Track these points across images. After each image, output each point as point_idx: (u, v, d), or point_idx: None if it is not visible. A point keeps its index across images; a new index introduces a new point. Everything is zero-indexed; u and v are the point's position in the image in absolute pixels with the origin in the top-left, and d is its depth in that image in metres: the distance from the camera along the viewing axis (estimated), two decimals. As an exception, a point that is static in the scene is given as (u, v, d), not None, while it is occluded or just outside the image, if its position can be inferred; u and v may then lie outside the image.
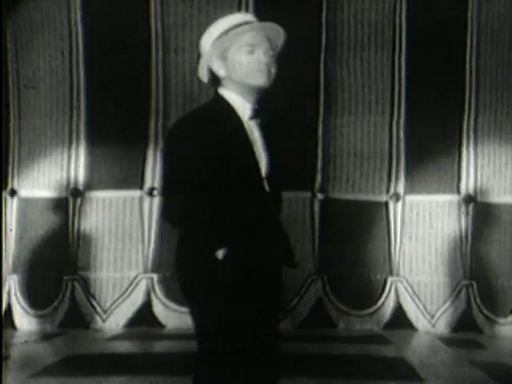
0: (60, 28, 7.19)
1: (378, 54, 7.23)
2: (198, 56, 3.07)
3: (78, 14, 7.13)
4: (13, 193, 7.28)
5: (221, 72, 3.00)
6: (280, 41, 3.08)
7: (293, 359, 4.95)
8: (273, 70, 2.99)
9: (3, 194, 7.20)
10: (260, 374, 2.95)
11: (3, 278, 6.96)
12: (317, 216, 7.22)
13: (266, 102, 3.05)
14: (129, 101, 7.10)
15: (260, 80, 2.96)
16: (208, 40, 3.02)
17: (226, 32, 2.98)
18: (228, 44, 2.97)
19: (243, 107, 2.99)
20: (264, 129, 3.03)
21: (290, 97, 6.60)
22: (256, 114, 3.00)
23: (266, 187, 2.98)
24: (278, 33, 3.06)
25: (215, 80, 3.04)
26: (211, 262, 2.88)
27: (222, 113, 2.97)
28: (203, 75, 3.08)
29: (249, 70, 2.96)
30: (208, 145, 2.88)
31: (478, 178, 7.25)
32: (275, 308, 3.06)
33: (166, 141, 3.01)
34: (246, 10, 7.00)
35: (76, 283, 7.15)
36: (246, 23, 3.01)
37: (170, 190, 2.94)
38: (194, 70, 7.57)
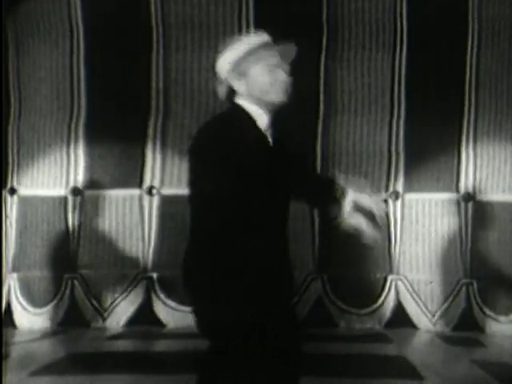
0: (61, 27, 7.18)
1: (379, 53, 7.23)
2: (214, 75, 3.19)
3: (78, 13, 7.13)
4: (12, 191, 7.28)
5: (241, 88, 3.12)
6: (293, 56, 3.21)
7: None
8: (289, 86, 3.14)
9: (3, 192, 7.20)
10: (280, 374, 2.99)
11: (3, 277, 6.96)
12: (316, 215, 7.22)
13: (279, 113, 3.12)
14: (129, 100, 7.10)
15: (279, 96, 3.10)
16: (228, 59, 3.14)
17: (250, 52, 3.11)
18: (250, 63, 3.10)
19: (261, 117, 3.09)
20: (275, 137, 3.14)
21: (290, 96, 6.60)
22: (272, 125, 3.11)
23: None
24: (293, 51, 3.19)
25: (232, 93, 3.16)
26: (224, 264, 2.95)
27: (244, 122, 3.08)
28: (222, 92, 3.19)
29: (270, 88, 3.08)
30: (233, 152, 2.95)
31: (477, 176, 7.26)
32: (286, 306, 3.13)
33: (191, 149, 3.09)
34: (247, 10, 7.01)
35: (76, 282, 7.15)
36: (267, 44, 3.13)
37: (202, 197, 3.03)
38: (194, 68, 7.58)
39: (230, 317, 2.94)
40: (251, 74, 3.10)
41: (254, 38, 3.19)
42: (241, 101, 3.12)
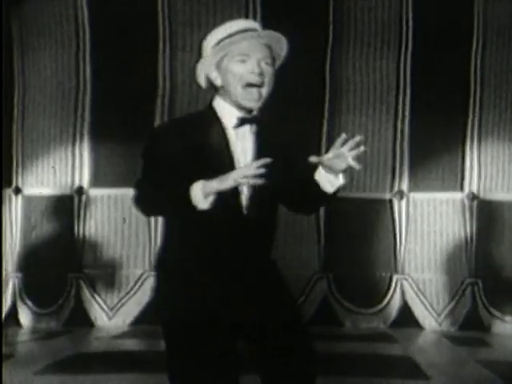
0: (67, 26, 7.18)
1: (384, 51, 7.23)
2: (197, 60, 3.03)
3: (84, 13, 7.13)
4: (17, 191, 7.28)
5: (217, 81, 2.93)
6: (282, 50, 2.98)
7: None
8: (267, 83, 2.89)
9: (6, 192, 7.19)
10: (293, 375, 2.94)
11: (3, 277, 6.95)
12: (321, 215, 7.22)
13: (264, 108, 2.96)
14: (134, 99, 7.09)
15: (247, 102, 2.88)
16: (207, 47, 2.95)
17: (223, 40, 2.91)
18: (223, 53, 2.90)
19: (231, 117, 2.91)
20: (258, 137, 2.94)
21: (295, 95, 6.60)
22: (244, 122, 2.91)
23: (244, 209, 2.89)
24: (279, 41, 2.96)
25: (214, 88, 2.98)
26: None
27: (205, 122, 2.91)
28: (201, 81, 3.01)
29: (240, 82, 2.87)
30: (183, 152, 2.83)
31: (482, 175, 7.26)
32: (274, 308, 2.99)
33: (147, 139, 3.01)
34: (254, 8, 7.00)
35: (81, 281, 7.15)
36: (244, 31, 2.92)
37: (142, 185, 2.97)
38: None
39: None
40: (224, 65, 2.90)
41: (235, 24, 2.96)
42: (218, 99, 2.94)
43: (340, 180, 2.88)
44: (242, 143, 2.91)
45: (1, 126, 6.67)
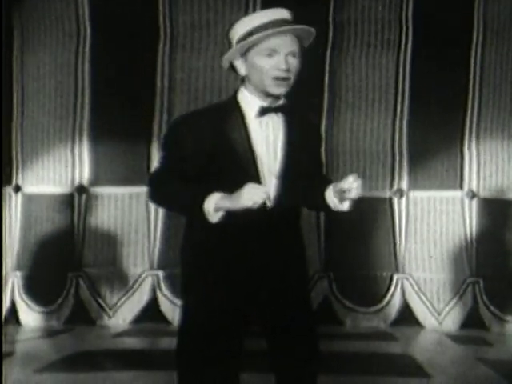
0: (68, 24, 7.17)
1: (384, 51, 7.23)
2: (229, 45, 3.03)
3: (85, 11, 7.12)
4: (17, 189, 7.27)
5: (242, 71, 2.96)
6: (310, 39, 3.05)
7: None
8: (293, 75, 2.93)
9: (6, 190, 7.18)
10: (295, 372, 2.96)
11: (3, 275, 6.94)
12: (321, 214, 7.22)
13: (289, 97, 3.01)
14: (134, 97, 7.09)
15: (275, 89, 2.90)
16: (235, 35, 2.96)
17: (252, 32, 2.91)
18: (249, 46, 2.92)
19: (254, 106, 2.93)
20: (284, 127, 2.96)
21: (293, 93, 6.59)
22: (266, 112, 2.93)
23: (268, 201, 2.90)
24: (308, 32, 3.02)
25: (240, 78, 3.01)
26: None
27: (226, 112, 2.94)
28: (225, 65, 3.04)
29: (266, 76, 2.89)
30: (202, 142, 2.85)
31: (481, 173, 7.26)
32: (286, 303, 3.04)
33: (167, 129, 3.01)
34: (254, 7, 7.00)
35: (80, 280, 7.15)
36: (274, 24, 2.92)
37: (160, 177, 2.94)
38: (200, 67, 7.57)
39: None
40: (250, 57, 2.92)
41: (265, 14, 2.97)
42: (241, 89, 2.97)
43: (344, 206, 2.95)
44: (266, 133, 2.93)
45: (0, 123, 6.66)
